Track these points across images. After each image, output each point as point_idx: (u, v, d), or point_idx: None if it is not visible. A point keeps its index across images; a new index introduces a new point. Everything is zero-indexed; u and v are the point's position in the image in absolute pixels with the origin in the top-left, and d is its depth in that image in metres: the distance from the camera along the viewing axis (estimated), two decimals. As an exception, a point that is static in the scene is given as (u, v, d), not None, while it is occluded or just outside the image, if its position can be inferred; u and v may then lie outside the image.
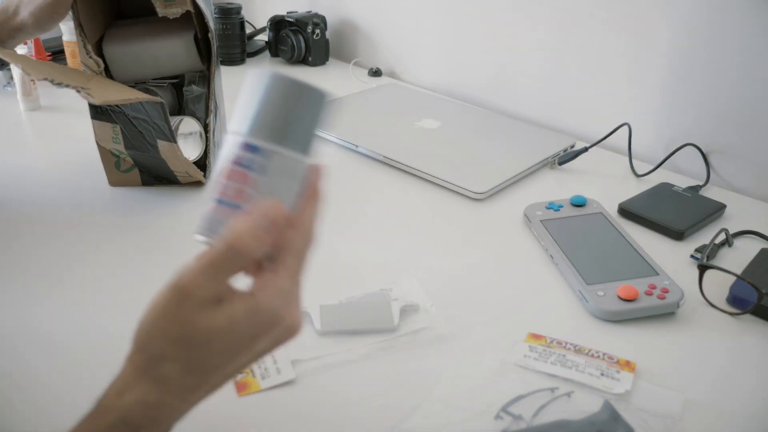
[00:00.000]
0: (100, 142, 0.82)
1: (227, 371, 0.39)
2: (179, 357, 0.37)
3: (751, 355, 0.62)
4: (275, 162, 0.39)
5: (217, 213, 0.39)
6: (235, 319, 0.37)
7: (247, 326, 0.37)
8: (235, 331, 0.37)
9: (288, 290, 0.39)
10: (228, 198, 0.39)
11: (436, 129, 1.06)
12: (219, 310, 0.37)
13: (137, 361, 0.37)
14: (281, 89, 0.39)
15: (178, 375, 0.37)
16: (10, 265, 0.71)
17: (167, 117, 0.76)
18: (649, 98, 1.00)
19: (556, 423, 0.52)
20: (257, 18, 1.60)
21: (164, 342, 0.36)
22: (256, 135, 0.39)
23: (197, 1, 0.78)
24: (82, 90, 0.72)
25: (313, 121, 0.40)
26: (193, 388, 0.38)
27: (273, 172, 0.39)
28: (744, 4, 0.86)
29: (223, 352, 0.37)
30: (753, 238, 0.81)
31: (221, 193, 0.39)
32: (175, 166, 0.82)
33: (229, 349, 0.37)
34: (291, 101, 0.39)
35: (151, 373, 0.37)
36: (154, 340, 0.37)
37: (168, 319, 0.36)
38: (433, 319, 0.64)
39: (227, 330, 0.37)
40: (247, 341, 0.38)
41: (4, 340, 0.60)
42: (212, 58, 0.84)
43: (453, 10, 1.23)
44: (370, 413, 0.54)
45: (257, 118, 0.39)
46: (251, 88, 0.40)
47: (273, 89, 0.39)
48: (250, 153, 0.39)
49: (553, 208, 0.82)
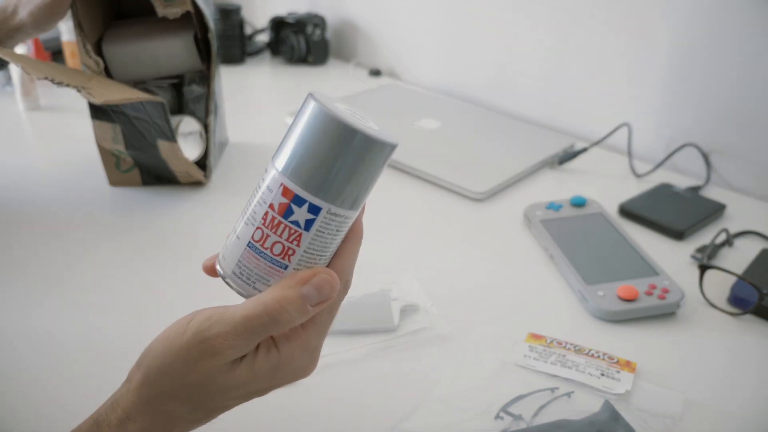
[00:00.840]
0: (100, 142, 0.82)
1: (234, 406, 0.39)
2: (191, 399, 0.36)
3: (752, 355, 0.62)
4: (332, 222, 0.35)
5: (259, 267, 0.35)
6: (256, 375, 0.36)
7: (266, 379, 0.37)
8: (255, 382, 0.37)
9: (315, 347, 0.38)
10: (273, 255, 0.35)
11: (436, 129, 1.06)
12: (242, 364, 0.36)
13: (145, 394, 0.36)
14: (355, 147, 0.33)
15: (185, 413, 0.37)
16: (9, 265, 0.71)
17: (168, 116, 0.76)
18: (649, 98, 1.00)
19: (556, 423, 0.52)
20: (257, 18, 1.60)
21: (178, 385, 0.36)
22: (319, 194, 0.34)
23: (197, 1, 0.78)
24: (83, 89, 0.72)
25: (377, 176, 0.36)
26: (198, 422, 0.38)
27: (326, 231, 0.35)
28: (744, 4, 0.86)
29: (237, 398, 0.37)
30: (753, 238, 0.80)
31: (264, 245, 0.35)
32: (176, 166, 0.82)
33: (243, 396, 0.37)
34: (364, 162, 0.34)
35: (157, 407, 0.36)
36: (168, 379, 0.36)
37: (188, 366, 0.35)
38: (433, 319, 0.64)
39: (247, 383, 0.36)
40: (263, 390, 0.38)
41: (4, 341, 0.60)
42: (212, 58, 0.84)
43: (453, 10, 1.23)
44: (370, 413, 0.54)
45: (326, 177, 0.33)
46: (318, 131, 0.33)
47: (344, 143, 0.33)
48: (308, 212, 0.34)
49: (553, 209, 0.82)
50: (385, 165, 0.35)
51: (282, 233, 0.34)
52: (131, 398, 0.36)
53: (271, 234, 0.35)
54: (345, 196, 0.34)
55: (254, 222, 0.35)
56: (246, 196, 0.38)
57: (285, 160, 0.34)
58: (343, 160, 0.33)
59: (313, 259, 0.36)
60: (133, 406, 0.36)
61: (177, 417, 0.36)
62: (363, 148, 0.33)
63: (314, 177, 0.34)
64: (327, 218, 0.34)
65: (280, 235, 0.34)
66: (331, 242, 0.36)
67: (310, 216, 0.34)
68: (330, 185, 0.34)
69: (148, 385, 0.36)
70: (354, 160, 0.34)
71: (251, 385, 0.36)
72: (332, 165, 0.33)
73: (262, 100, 1.28)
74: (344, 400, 0.55)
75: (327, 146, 0.33)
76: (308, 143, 0.34)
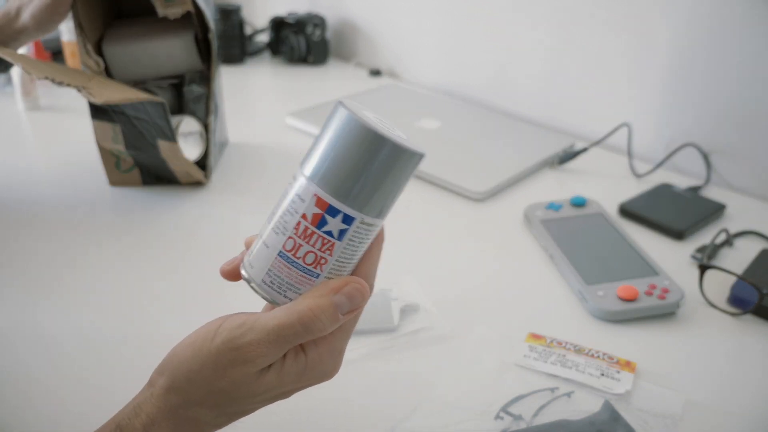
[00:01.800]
0: (101, 141, 0.82)
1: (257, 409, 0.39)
2: (218, 405, 0.36)
3: (752, 355, 0.62)
4: (363, 231, 0.36)
5: (290, 276, 0.36)
6: (284, 380, 0.36)
7: (292, 382, 0.37)
8: (282, 386, 0.37)
9: (340, 350, 0.38)
10: (305, 264, 0.35)
11: (436, 129, 1.06)
12: (271, 371, 0.36)
13: (171, 401, 0.36)
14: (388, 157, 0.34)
15: (211, 419, 0.37)
16: (9, 265, 0.71)
17: (168, 116, 0.76)
18: (649, 98, 1.00)
19: (556, 423, 0.52)
20: (257, 18, 1.60)
21: (206, 392, 0.36)
22: (354, 205, 0.34)
23: (197, 1, 0.78)
24: (84, 89, 0.72)
25: (405, 185, 0.36)
26: (221, 426, 0.38)
27: (357, 240, 0.36)
28: (744, 4, 0.86)
29: (262, 402, 0.38)
30: (753, 238, 0.80)
31: (296, 255, 0.35)
32: (176, 166, 0.82)
33: (269, 399, 0.38)
34: (396, 171, 0.34)
35: (183, 414, 0.36)
36: (195, 386, 0.36)
37: (217, 373, 0.35)
38: (433, 319, 0.64)
39: (274, 387, 0.37)
40: (288, 393, 0.38)
41: (3, 340, 0.60)
42: (212, 58, 0.84)
43: (453, 10, 1.23)
44: (370, 413, 0.54)
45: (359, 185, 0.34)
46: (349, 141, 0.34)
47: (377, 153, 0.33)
48: (342, 223, 0.34)
49: (553, 209, 0.82)
50: (412, 174, 0.36)
51: (315, 243, 0.35)
52: (156, 403, 0.36)
53: (304, 244, 0.35)
54: (377, 205, 0.35)
55: (285, 231, 0.35)
56: (246, 196, 0.38)
57: (316, 169, 0.34)
58: (376, 170, 0.34)
59: (343, 267, 0.36)
60: (158, 411, 0.36)
61: (202, 422, 0.37)
62: (395, 157, 0.34)
63: (347, 187, 0.34)
64: (359, 228, 0.35)
65: (312, 245, 0.35)
66: (360, 250, 0.37)
67: (344, 226, 0.34)
68: (363, 195, 0.34)
69: (174, 391, 0.36)
70: (386, 170, 0.34)
71: (277, 389, 0.37)
72: (366, 175, 0.34)
73: (262, 100, 1.28)
74: (344, 400, 0.55)
75: (360, 156, 0.33)
76: (340, 152, 0.34)
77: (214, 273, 0.41)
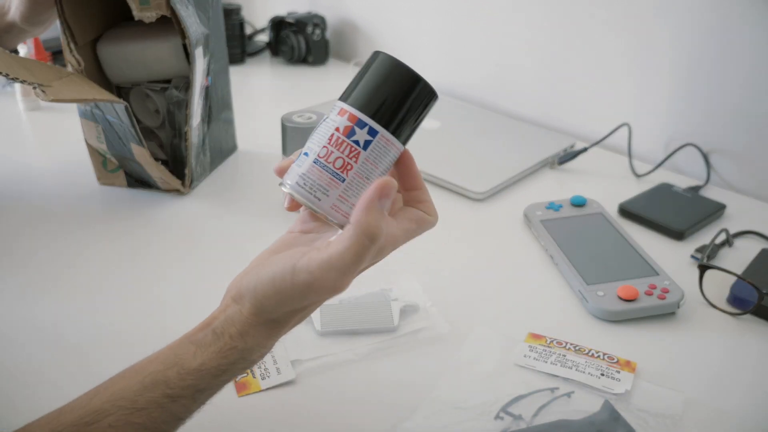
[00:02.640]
0: (89, 140, 0.82)
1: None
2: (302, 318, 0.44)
3: (752, 355, 0.62)
4: (382, 145, 0.42)
5: (321, 179, 0.42)
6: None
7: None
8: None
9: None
10: (333, 167, 0.42)
11: (436, 129, 1.06)
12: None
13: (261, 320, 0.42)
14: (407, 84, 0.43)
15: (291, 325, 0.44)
16: (9, 264, 0.71)
17: (133, 120, 0.75)
18: (649, 98, 1.00)
19: (556, 423, 0.52)
20: (257, 18, 1.60)
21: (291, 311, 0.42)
22: (378, 120, 0.42)
23: (175, 7, 0.76)
24: (39, 86, 0.69)
25: (421, 118, 0.44)
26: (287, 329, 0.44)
27: (377, 154, 0.42)
28: (744, 4, 0.86)
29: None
30: (753, 238, 0.80)
31: (328, 160, 0.42)
32: (152, 171, 0.81)
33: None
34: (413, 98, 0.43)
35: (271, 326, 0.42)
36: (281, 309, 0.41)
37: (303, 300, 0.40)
38: (433, 319, 0.64)
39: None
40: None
41: (2, 335, 0.61)
42: (192, 65, 0.79)
43: (453, 10, 1.23)
44: (370, 413, 0.54)
45: (383, 105, 0.42)
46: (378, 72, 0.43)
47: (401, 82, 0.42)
48: (368, 134, 0.42)
49: (553, 208, 0.82)
50: (426, 111, 0.44)
51: (344, 150, 0.42)
52: (245, 319, 0.41)
53: (335, 151, 0.42)
54: (397, 125, 0.43)
55: (321, 142, 0.42)
56: (243, 198, 0.39)
57: (351, 95, 0.43)
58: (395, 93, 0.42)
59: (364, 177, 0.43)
60: (249, 325, 0.41)
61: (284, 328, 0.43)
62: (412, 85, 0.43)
63: (374, 105, 0.42)
64: (380, 141, 0.42)
65: (342, 152, 0.42)
66: (379, 165, 0.43)
67: (369, 138, 0.42)
68: (385, 114, 0.42)
69: (262, 312, 0.41)
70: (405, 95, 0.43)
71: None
72: (388, 97, 0.42)
73: (262, 100, 1.28)
74: (344, 400, 0.55)
75: (384, 81, 0.43)
76: (369, 80, 0.43)
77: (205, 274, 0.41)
